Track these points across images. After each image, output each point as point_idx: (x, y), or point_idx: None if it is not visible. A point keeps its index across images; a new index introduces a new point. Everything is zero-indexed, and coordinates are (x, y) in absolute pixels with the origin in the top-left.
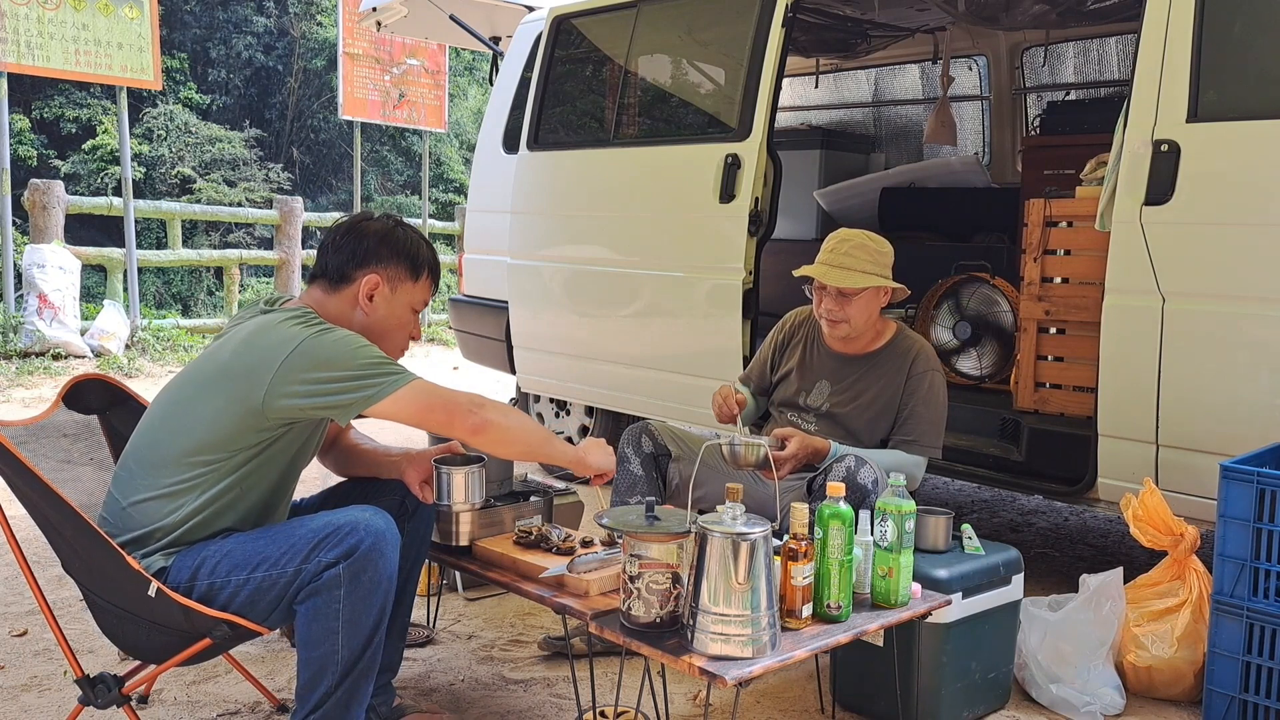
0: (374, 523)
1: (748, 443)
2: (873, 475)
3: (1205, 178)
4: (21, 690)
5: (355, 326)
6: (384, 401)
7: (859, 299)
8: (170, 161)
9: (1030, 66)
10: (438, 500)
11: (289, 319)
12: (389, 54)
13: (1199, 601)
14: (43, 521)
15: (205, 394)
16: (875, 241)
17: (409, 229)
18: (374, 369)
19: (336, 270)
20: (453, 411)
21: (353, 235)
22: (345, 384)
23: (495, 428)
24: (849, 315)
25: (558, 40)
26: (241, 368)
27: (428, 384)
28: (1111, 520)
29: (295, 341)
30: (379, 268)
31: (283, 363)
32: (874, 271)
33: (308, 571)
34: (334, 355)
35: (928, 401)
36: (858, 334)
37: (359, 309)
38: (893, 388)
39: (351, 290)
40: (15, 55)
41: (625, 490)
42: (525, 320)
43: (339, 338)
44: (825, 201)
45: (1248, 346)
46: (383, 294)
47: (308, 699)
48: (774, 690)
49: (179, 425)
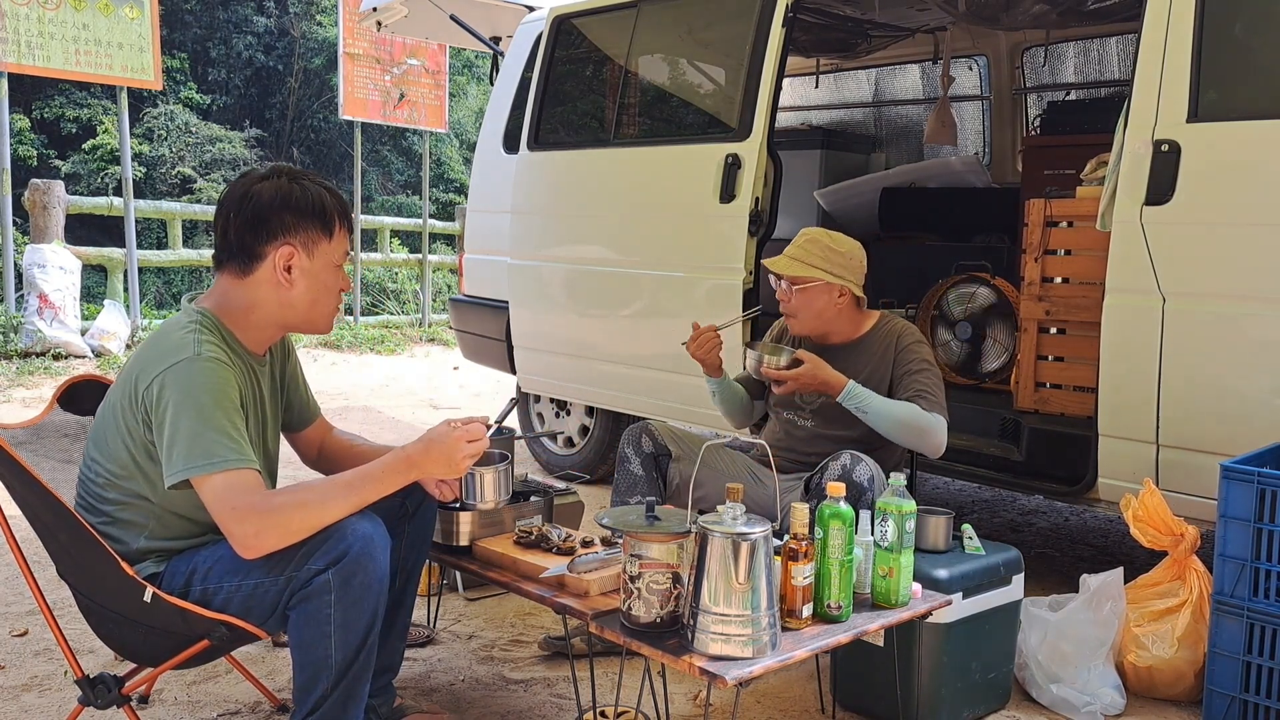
0: (361, 527)
1: (769, 352)
2: (869, 472)
3: (1206, 178)
4: (21, 690)
5: (277, 306)
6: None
7: (806, 292)
8: (171, 161)
9: (1031, 66)
10: (465, 499)
11: (184, 326)
12: (389, 54)
13: (1199, 602)
14: (39, 526)
15: (113, 421)
16: (835, 241)
17: (305, 180)
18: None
19: (244, 250)
20: (230, 525)
21: (249, 206)
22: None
23: (272, 539)
24: (795, 308)
25: (558, 40)
26: (132, 373)
27: (238, 481)
28: (1112, 520)
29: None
30: (289, 236)
31: (156, 375)
32: (824, 267)
33: (297, 579)
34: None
35: (924, 368)
36: (808, 328)
37: (278, 287)
38: (883, 366)
39: (265, 268)
40: (15, 55)
41: (625, 490)
42: (525, 320)
43: (201, 387)
44: (825, 201)
45: (1248, 346)
46: (300, 263)
47: (304, 702)
48: (774, 690)
49: (101, 452)
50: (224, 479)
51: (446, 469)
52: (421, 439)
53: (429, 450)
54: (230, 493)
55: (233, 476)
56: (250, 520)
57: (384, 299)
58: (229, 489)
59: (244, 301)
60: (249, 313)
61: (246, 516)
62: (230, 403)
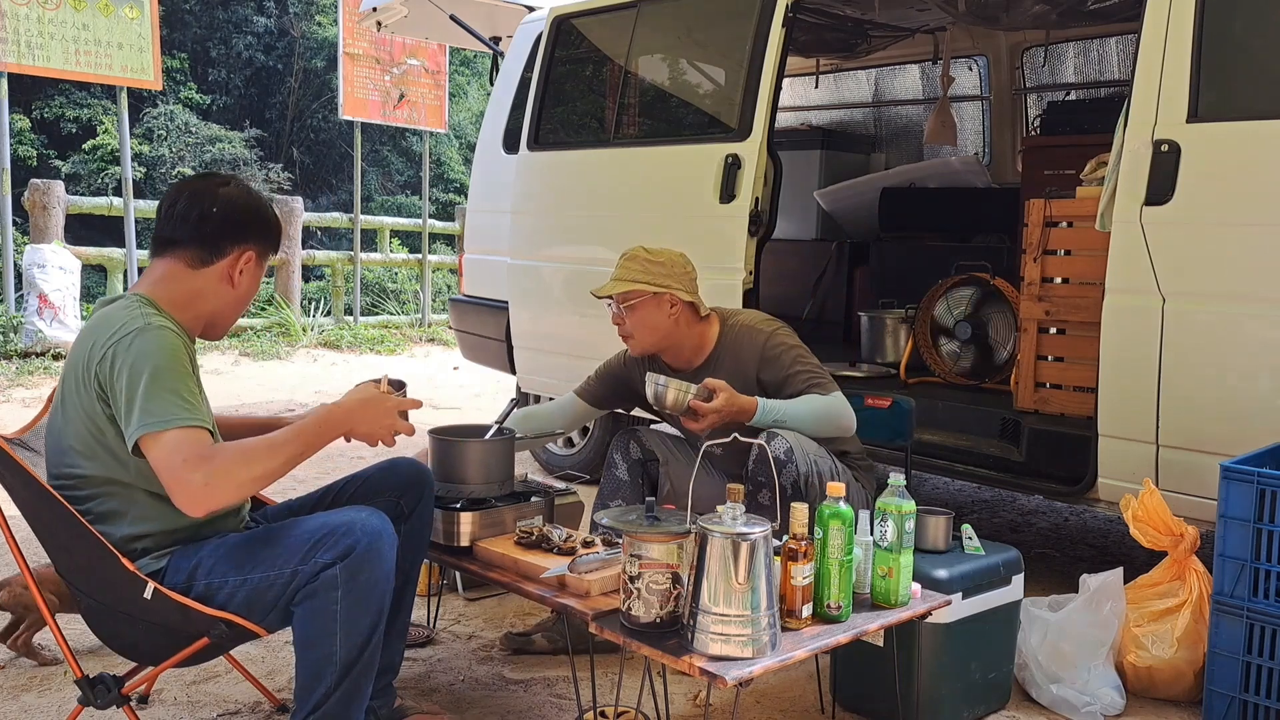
0: (371, 523)
1: (676, 386)
2: (784, 445)
3: (1205, 178)
4: (21, 690)
5: (216, 301)
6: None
7: (635, 309)
8: (170, 161)
9: (1030, 66)
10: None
11: (125, 306)
12: (389, 54)
13: (1199, 602)
14: (38, 525)
15: (70, 405)
16: (653, 254)
17: (260, 195)
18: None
19: (211, 243)
20: (179, 475)
21: (230, 204)
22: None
23: (221, 489)
24: (630, 328)
25: (558, 40)
26: (79, 360)
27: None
28: (1112, 520)
29: (128, 330)
30: (253, 242)
31: (107, 343)
32: (644, 280)
33: (304, 573)
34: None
35: (795, 361)
36: (646, 345)
37: (224, 284)
38: (745, 373)
39: (223, 265)
40: (15, 55)
41: (608, 495)
42: (525, 320)
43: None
44: (825, 202)
45: (1248, 347)
46: (250, 268)
47: (307, 700)
48: (774, 690)
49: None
50: (175, 435)
51: (371, 432)
52: (352, 397)
53: (364, 408)
54: (181, 446)
55: (185, 433)
56: (200, 468)
57: (384, 299)
58: (180, 443)
59: (190, 289)
60: (193, 301)
61: (197, 465)
62: (183, 367)
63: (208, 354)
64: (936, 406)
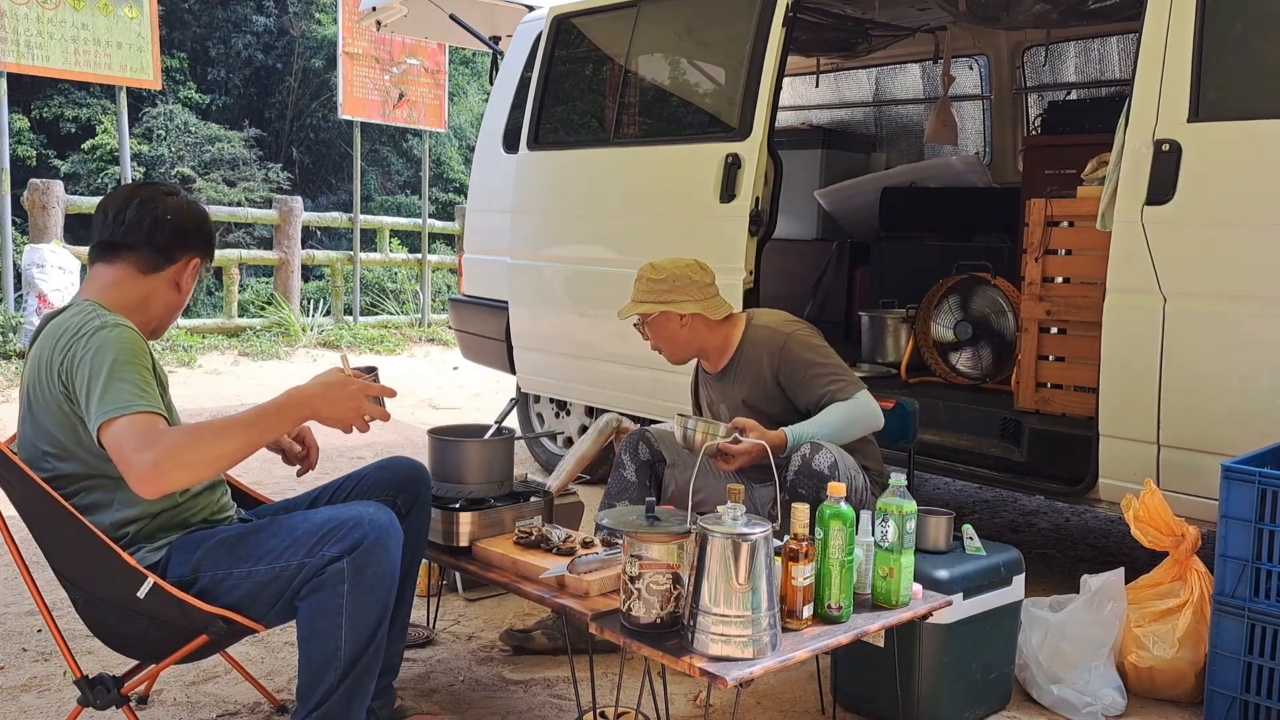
0: (378, 518)
1: (704, 427)
2: (830, 459)
3: (1206, 178)
4: (21, 690)
5: (161, 306)
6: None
7: (652, 327)
8: (170, 161)
9: (1031, 66)
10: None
11: (78, 310)
12: (389, 54)
13: (1200, 602)
14: (37, 522)
15: (34, 409)
16: (655, 271)
17: (202, 206)
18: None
19: (162, 249)
20: (130, 457)
21: (183, 212)
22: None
23: (171, 472)
24: (657, 344)
25: (558, 40)
26: (39, 367)
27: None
28: (1113, 521)
29: (87, 331)
30: (199, 250)
31: (68, 343)
32: (649, 300)
33: (311, 565)
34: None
35: (812, 358)
36: (677, 357)
37: (169, 290)
38: (763, 377)
39: (172, 271)
40: (15, 55)
41: (615, 494)
42: (525, 320)
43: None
44: (826, 201)
45: (1249, 346)
46: (193, 275)
47: (310, 696)
48: (775, 691)
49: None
50: (126, 421)
51: (337, 417)
52: (318, 381)
53: (327, 393)
54: (131, 430)
55: (136, 418)
56: (150, 449)
57: (383, 299)
58: (130, 428)
59: (140, 294)
60: (142, 305)
61: (146, 446)
62: (141, 361)
63: (207, 354)
64: (937, 407)
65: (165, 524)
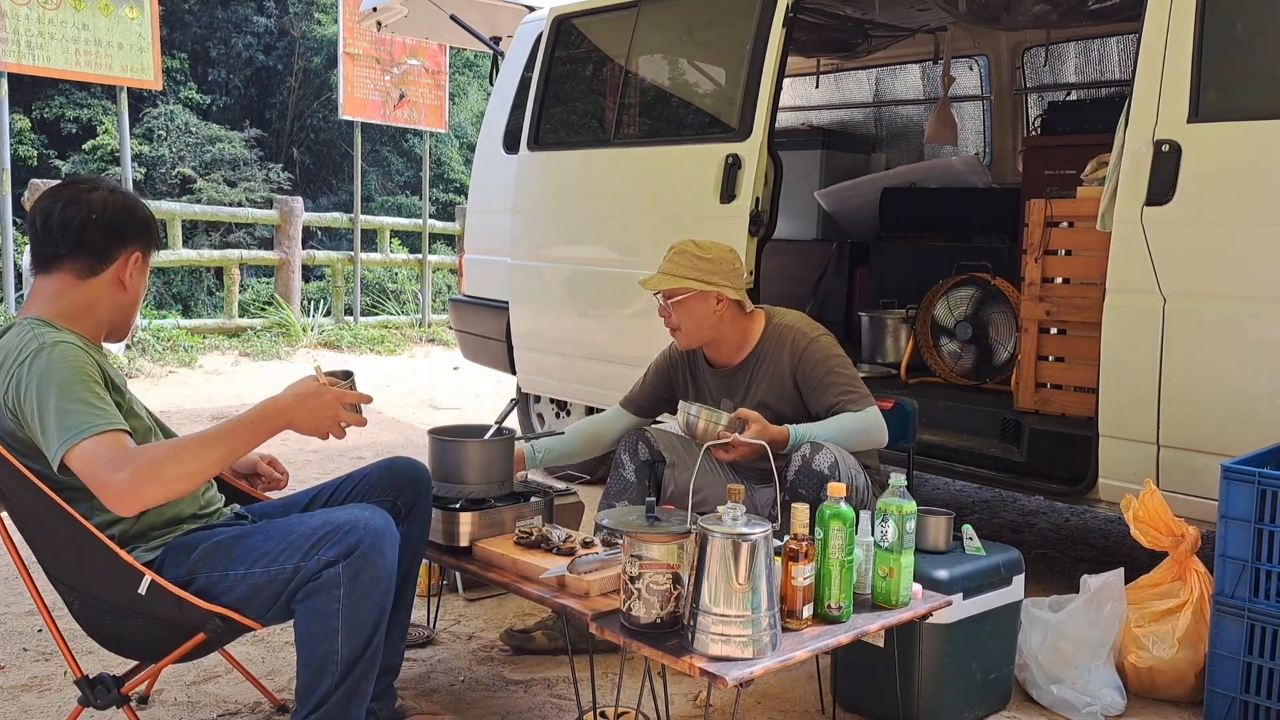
0: (374, 521)
1: (707, 415)
2: (830, 459)
3: (1206, 178)
4: (22, 690)
5: (110, 307)
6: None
7: (683, 304)
8: (170, 161)
9: (1031, 66)
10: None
11: (18, 332)
12: (389, 54)
13: (1200, 602)
14: (32, 523)
15: None
16: (703, 249)
17: (131, 192)
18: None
19: (96, 251)
20: (104, 476)
21: (110, 209)
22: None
23: (148, 487)
24: (677, 322)
25: (558, 40)
26: None
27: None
28: (1112, 521)
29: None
30: (137, 242)
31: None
32: (693, 277)
33: (306, 569)
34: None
35: (831, 365)
36: (693, 340)
37: (116, 289)
38: (782, 375)
39: (112, 271)
40: (15, 55)
41: (615, 495)
42: (525, 320)
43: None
44: (826, 202)
45: (1249, 347)
46: (139, 268)
47: (308, 699)
48: (775, 691)
49: None
50: (92, 443)
51: (313, 426)
52: (292, 391)
53: (302, 403)
54: (102, 450)
55: (101, 439)
56: (125, 468)
57: (384, 299)
58: (100, 448)
59: (84, 300)
60: (88, 310)
61: (121, 465)
62: (89, 376)
63: (208, 355)
64: (937, 407)
65: (154, 522)
